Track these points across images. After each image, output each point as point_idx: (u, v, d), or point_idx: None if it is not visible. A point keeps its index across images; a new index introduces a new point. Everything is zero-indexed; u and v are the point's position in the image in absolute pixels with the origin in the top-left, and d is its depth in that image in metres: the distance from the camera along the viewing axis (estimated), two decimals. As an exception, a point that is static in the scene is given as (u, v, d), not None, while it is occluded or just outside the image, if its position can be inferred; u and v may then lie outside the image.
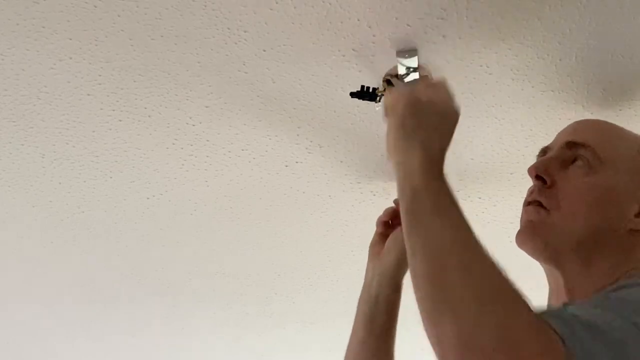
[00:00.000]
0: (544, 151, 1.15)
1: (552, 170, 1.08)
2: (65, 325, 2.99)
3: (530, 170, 1.09)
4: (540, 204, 1.08)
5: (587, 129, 1.14)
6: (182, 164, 1.97)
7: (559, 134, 1.18)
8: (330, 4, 1.44)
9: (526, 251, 1.11)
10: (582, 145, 1.09)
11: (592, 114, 1.78)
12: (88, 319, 2.92)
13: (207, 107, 1.75)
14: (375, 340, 1.35)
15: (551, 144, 1.15)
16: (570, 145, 1.09)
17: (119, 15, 1.46)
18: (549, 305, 1.12)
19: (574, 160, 1.09)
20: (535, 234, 1.08)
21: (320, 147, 1.90)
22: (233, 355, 3.33)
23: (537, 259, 1.10)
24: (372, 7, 1.45)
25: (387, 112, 1.23)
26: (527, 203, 1.11)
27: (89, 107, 1.74)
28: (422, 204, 0.98)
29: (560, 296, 1.08)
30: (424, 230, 0.96)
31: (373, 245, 1.49)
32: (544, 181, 1.08)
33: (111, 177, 2.01)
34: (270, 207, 2.17)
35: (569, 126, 1.18)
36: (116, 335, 3.09)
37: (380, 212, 1.69)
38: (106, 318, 2.92)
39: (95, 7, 1.44)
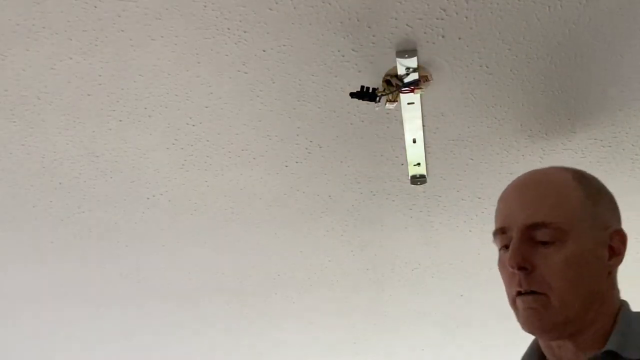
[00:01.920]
0: (502, 231, 1.16)
1: (528, 257, 1.12)
2: (65, 324, 2.99)
3: (511, 264, 1.12)
4: (534, 292, 1.12)
5: (538, 203, 1.16)
6: (182, 164, 1.97)
7: (507, 210, 1.17)
8: (330, 4, 1.45)
9: (537, 336, 1.16)
10: (541, 224, 1.11)
11: (591, 113, 1.79)
12: (88, 318, 2.93)
13: (207, 107, 1.75)
14: None
15: (505, 224, 1.16)
16: (532, 227, 1.12)
17: (119, 15, 1.46)
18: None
19: (542, 241, 1.12)
20: (543, 320, 1.12)
21: (320, 147, 1.91)
22: (233, 355, 3.33)
23: (547, 339, 1.16)
24: (372, 7, 1.45)
25: None
26: (518, 293, 1.14)
27: (89, 107, 1.74)
28: None
29: (565, 354, 1.14)
30: None
31: None
32: (526, 269, 1.11)
33: (111, 177, 2.02)
34: (270, 207, 2.17)
35: (515, 202, 1.18)
36: (116, 335, 3.09)
37: (380, 212, 1.69)
38: (106, 317, 2.92)
39: (95, 7, 1.44)
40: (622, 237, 1.15)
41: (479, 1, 1.44)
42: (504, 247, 1.15)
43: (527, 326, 1.13)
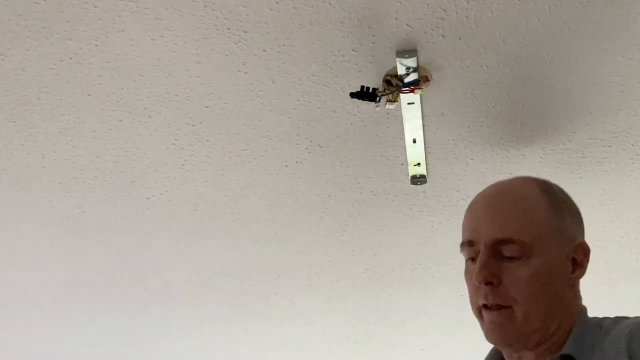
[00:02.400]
0: (470, 244, 1.18)
1: (495, 271, 1.16)
2: (65, 324, 2.99)
3: (479, 279, 1.15)
4: (500, 306, 1.16)
5: (505, 218, 1.18)
6: (182, 164, 1.97)
7: (474, 223, 1.20)
8: (330, 4, 1.44)
9: (501, 348, 1.20)
10: (508, 240, 1.14)
11: (591, 113, 1.79)
12: (88, 318, 2.92)
13: (207, 107, 1.75)
14: None
15: (473, 237, 1.19)
16: (498, 243, 1.15)
17: (119, 16, 1.46)
18: None
19: (509, 256, 1.14)
20: (508, 334, 1.16)
21: (320, 147, 1.91)
22: (233, 355, 3.33)
23: (510, 351, 1.20)
24: (372, 7, 1.45)
25: None
26: (484, 306, 1.18)
27: (89, 107, 1.74)
28: None
29: (524, 357, 1.18)
30: None
31: None
32: (492, 283, 1.13)
33: (111, 177, 2.01)
34: (270, 207, 2.17)
35: (483, 215, 1.20)
36: (116, 335, 3.09)
37: (380, 212, 1.69)
38: (106, 317, 2.92)
39: (95, 7, 1.44)
40: (585, 250, 1.19)
41: (479, 1, 1.44)
42: (471, 259, 1.19)
43: (492, 338, 1.18)
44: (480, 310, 1.18)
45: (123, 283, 2.62)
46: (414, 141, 1.84)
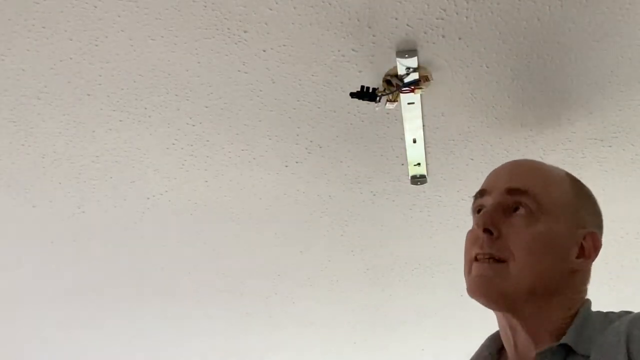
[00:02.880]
0: (481, 193, 1.16)
1: (497, 221, 1.11)
2: (65, 324, 2.98)
3: (478, 224, 1.11)
4: (492, 258, 1.11)
5: (524, 174, 1.16)
6: (182, 164, 1.97)
7: (494, 175, 1.18)
8: (330, 4, 1.44)
9: (482, 303, 1.14)
10: (524, 192, 1.11)
11: (591, 113, 1.79)
12: (88, 318, 2.92)
13: (207, 107, 1.75)
14: None
15: (488, 186, 1.16)
16: (512, 191, 1.12)
17: (118, 15, 1.46)
18: (508, 349, 1.15)
19: (516, 208, 1.11)
20: (491, 289, 1.10)
21: (320, 147, 1.91)
22: (233, 355, 3.33)
23: (493, 309, 1.15)
24: (372, 7, 1.45)
25: None
26: (476, 257, 1.13)
27: (89, 107, 1.74)
28: None
29: (519, 340, 1.14)
30: None
31: None
32: (490, 233, 1.10)
33: (111, 177, 2.01)
34: (270, 207, 2.17)
35: (503, 169, 1.19)
36: (116, 335, 3.09)
37: (380, 212, 1.69)
38: (106, 318, 2.92)
39: (95, 7, 1.44)
40: (595, 242, 1.14)
41: (479, 1, 1.44)
42: (478, 211, 1.15)
43: (474, 291, 1.11)
44: (471, 265, 1.12)
45: (123, 283, 2.62)
46: (414, 141, 1.84)
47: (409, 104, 1.68)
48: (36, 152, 1.89)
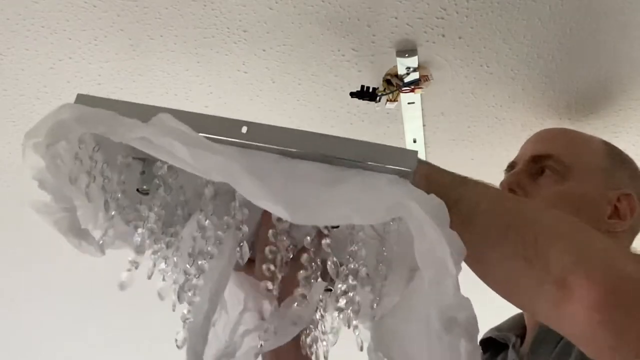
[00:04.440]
0: (511, 166, 1.15)
1: (523, 183, 1.09)
2: (65, 324, 2.98)
3: (502, 185, 1.09)
4: None
5: (550, 140, 1.15)
6: (182, 164, 1.96)
7: (522, 147, 1.18)
8: (330, 3, 1.44)
9: None
10: (547, 156, 1.10)
11: (592, 113, 1.78)
12: (88, 318, 2.92)
13: (207, 107, 1.74)
14: None
15: (517, 158, 1.16)
16: (536, 158, 1.11)
17: (118, 15, 1.46)
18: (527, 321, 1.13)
19: (542, 172, 1.10)
20: None
21: (320, 147, 1.90)
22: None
23: None
24: (372, 7, 1.45)
25: None
26: None
27: (89, 107, 1.73)
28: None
29: None
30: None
31: None
32: (513, 191, 1.09)
33: (111, 177, 2.01)
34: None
35: (531, 138, 1.18)
36: (116, 334, 3.09)
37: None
38: (106, 318, 2.92)
39: (95, 6, 1.44)
40: (631, 203, 1.10)
41: (479, 1, 1.44)
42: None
43: None
44: None
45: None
46: (414, 141, 1.84)
47: (409, 103, 1.68)
48: (36, 152, 1.89)
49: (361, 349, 0.83)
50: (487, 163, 1.97)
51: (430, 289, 0.66)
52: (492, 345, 1.18)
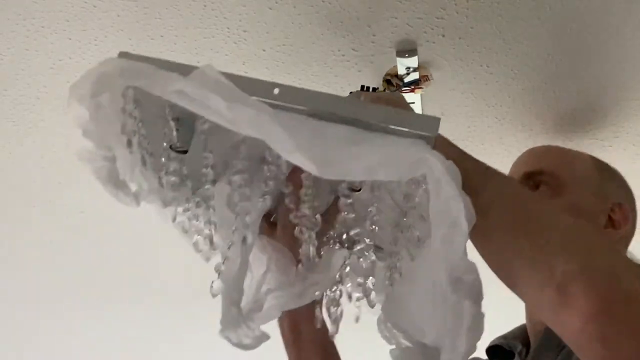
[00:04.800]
0: None
1: None
2: (65, 324, 2.98)
3: None
4: None
5: (541, 156, 1.17)
6: (182, 164, 1.96)
7: (514, 165, 1.19)
8: (330, 3, 1.44)
9: None
10: (540, 172, 1.12)
11: (591, 113, 1.78)
12: (88, 318, 2.92)
13: (207, 107, 1.74)
14: None
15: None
16: (530, 175, 1.13)
17: (118, 15, 1.46)
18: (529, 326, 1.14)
19: (537, 188, 1.11)
20: None
21: (320, 147, 1.90)
22: (233, 355, 3.33)
23: None
24: (372, 7, 1.45)
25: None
26: None
27: (89, 107, 1.73)
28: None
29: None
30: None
31: None
32: None
33: (111, 177, 2.01)
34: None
35: (521, 157, 1.20)
36: (116, 335, 3.09)
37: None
38: (106, 318, 2.92)
39: (95, 6, 1.44)
40: (624, 212, 1.13)
41: (479, 1, 1.44)
42: None
43: None
44: None
45: (123, 283, 2.61)
46: (414, 141, 1.84)
47: (409, 103, 1.68)
48: (36, 152, 1.89)
49: (357, 321, 0.87)
50: (487, 163, 1.97)
51: (441, 247, 0.70)
52: (499, 353, 1.19)
